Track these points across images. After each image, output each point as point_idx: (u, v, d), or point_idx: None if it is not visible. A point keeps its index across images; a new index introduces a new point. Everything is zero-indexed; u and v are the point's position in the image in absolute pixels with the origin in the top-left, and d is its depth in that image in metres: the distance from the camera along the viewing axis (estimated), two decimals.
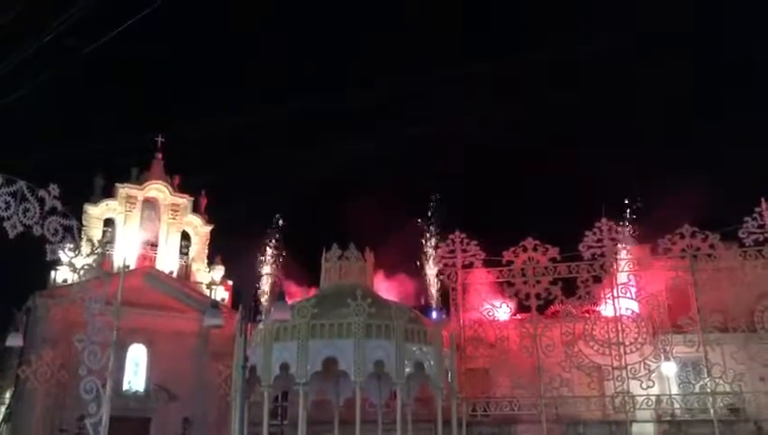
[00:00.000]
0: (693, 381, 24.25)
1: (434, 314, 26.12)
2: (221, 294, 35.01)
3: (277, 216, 37.10)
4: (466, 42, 70.67)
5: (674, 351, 23.29)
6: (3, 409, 32.82)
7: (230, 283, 35.96)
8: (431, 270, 30.90)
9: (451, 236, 26.71)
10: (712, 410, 22.83)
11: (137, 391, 31.02)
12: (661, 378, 25.05)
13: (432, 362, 19.44)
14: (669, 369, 24.91)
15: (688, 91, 65.88)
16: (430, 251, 30.97)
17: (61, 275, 31.36)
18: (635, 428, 26.39)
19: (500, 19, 71.85)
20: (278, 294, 15.27)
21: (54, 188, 13.32)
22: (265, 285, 36.73)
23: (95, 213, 34.40)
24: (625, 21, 55.72)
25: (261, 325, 20.39)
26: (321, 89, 68.82)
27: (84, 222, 33.11)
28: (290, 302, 18.85)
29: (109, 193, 35.22)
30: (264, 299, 35.57)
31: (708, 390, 22.82)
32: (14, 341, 19.04)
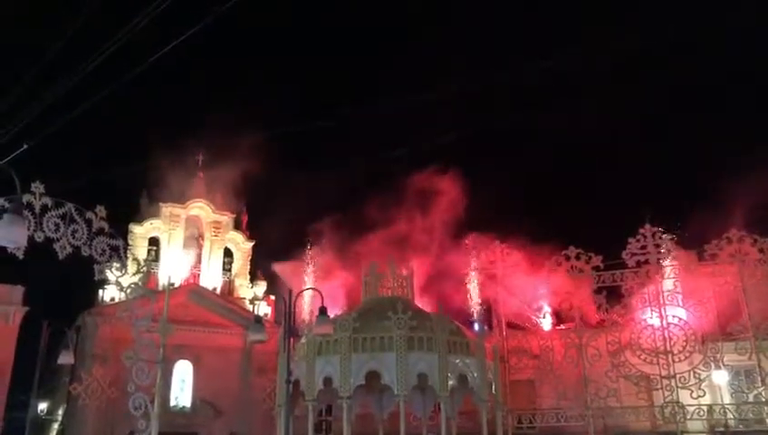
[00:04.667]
0: (746, 391, 23.54)
1: (476, 326, 25.88)
2: (264, 309, 35.31)
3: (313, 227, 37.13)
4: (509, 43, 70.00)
5: (724, 359, 22.71)
6: (56, 425, 33.66)
7: (272, 298, 36.24)
8: (472, 280, 30.64)
9: (491, 246, 26.56)
10: None
11: (183, 407, 31.48)
12: (712, 387, 24.38)
13: (476, 375, 19.26)
14: (721, 378, 24.22)
15: (743, 90, 63.70)
16: (471, 261, 30.68)
17: (108, 293, 32.01)
18: None
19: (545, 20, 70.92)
20: (320, 309, 15.31)
21: (101, 210, 13.72)
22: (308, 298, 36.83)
23: (140, 232, 35.11)
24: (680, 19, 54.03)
25: (303, 340, 20.51)
26: (364, 94, 68.94)
27: (130, 241, 33.84)
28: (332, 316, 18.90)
29: (152, 212, 35.96)
30: (306, 313, 35.67)
31: (763, 399, 22.15)
32: (66, 359, 19.54)
